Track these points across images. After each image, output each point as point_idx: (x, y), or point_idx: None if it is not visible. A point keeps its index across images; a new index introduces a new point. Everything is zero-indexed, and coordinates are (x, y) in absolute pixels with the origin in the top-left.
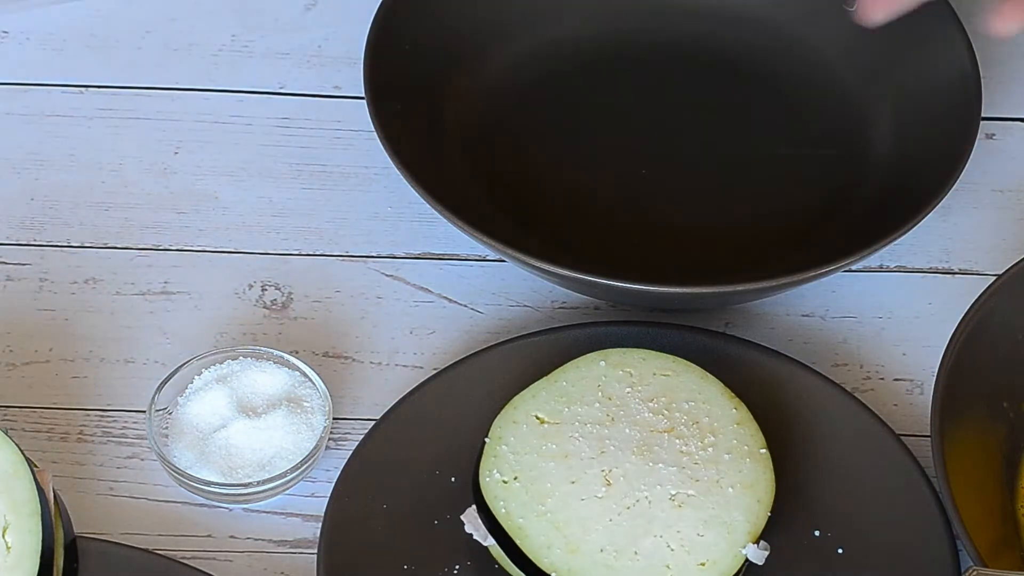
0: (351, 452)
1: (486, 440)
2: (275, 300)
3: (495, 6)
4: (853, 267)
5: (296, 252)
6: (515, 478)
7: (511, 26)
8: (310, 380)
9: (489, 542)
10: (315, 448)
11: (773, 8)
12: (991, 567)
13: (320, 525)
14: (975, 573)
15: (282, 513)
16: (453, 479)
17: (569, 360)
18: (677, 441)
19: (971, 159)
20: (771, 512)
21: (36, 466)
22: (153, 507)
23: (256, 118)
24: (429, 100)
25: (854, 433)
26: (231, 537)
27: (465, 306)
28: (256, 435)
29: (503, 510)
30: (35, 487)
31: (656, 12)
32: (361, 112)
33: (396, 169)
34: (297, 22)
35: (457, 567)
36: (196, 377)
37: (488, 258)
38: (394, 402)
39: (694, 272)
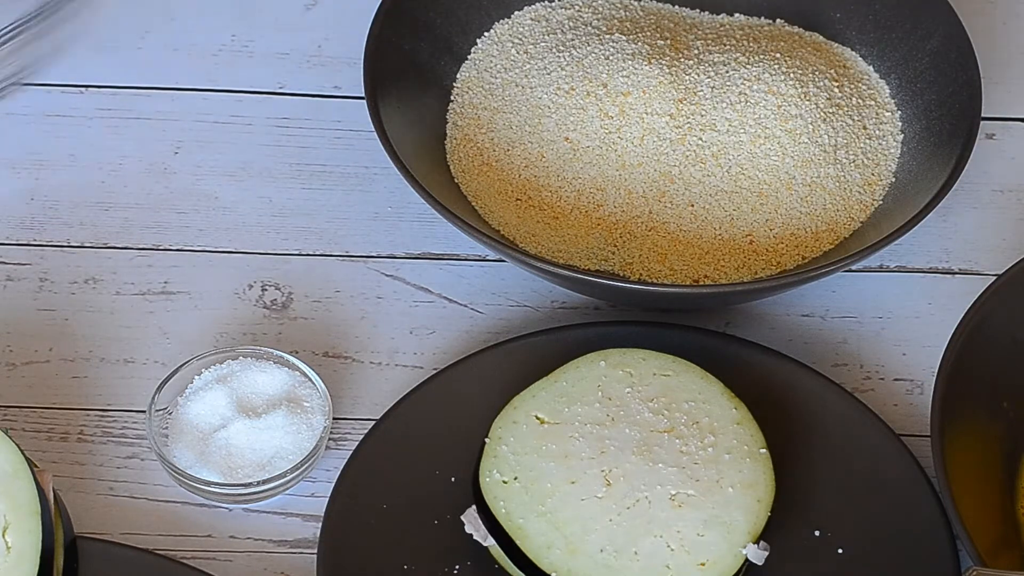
0: (351, 452)
1: (486, 440)
2: (275, 300)
3: (495, 6)
4: (853, 267)
5: (296, 252)
6: (515, 478)
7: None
8: (310, 380)
9: (489, 542)
10: (315, 448)
11: (772, 14)
12: (991, 567)
13: (320, 525)
14: (975, 573)
15: (282, 513)
16: (453, 479)
17: (569, 360)
18: (677, 441)
19: (971, 159)
20: (771, 512)
21: (36, 466)
22: (153, 507)
23: (256, 118)
24: (429, 100)
25: (854, 433)
26: (231, 537)
27: (465, 306)
28: (256, 435)
29: (503, 510)
30: (35, 487)
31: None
32: (361, 112)
33: (396, 169)
34: (297, 22)
35: (457, 567)
36: (196, 377)
37: (488, 258)
38: (394, 402)
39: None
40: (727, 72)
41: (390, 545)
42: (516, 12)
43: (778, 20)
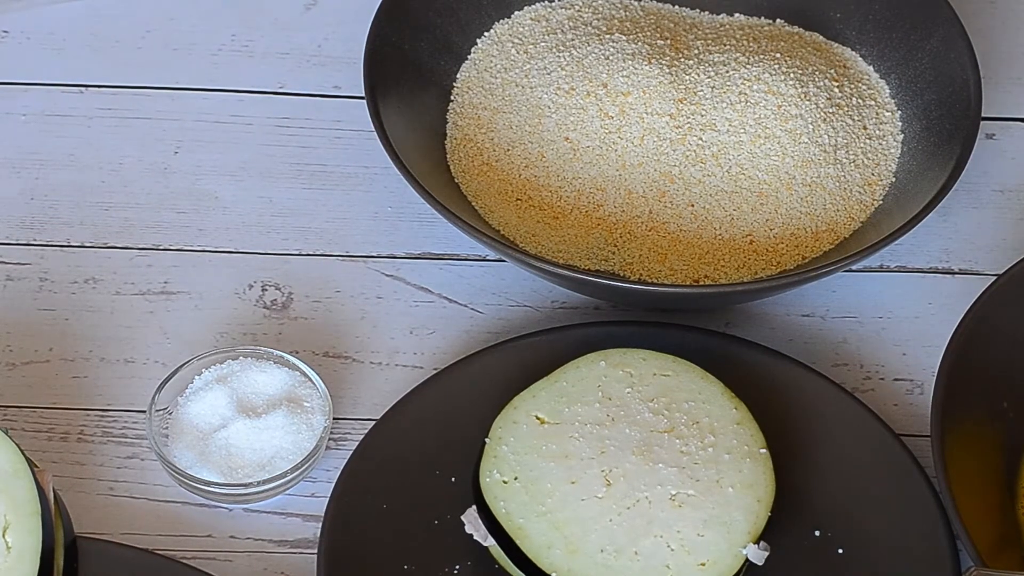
0: (351, 452)
1: (486, 440)
2: (275, 300)
3: (495, 6)
4: (853, 267)
5: (296, 252)
6: (515, 478)
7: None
8: (310, 380)
9: (489, 542)
10: (315, 448)
11: (772, 14)
12: (991, 567)
13: (320, 525)
14: (975, 573)
15: (282, 513)
16: (453, 479)
17: (569, 360)
18: (677, 441)
19: (971, 159)
20: (771, 512)
21: (36, 466)
22: (153, 507)
23: (256, 118)
24: (429, 99)
25: (854, 433)
26: (231, 537)
27: (465, 306)
28: (256, 435)
29: (503, 510)
30: (35, 487)
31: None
32: (361, 112)
33: (396, 169)
34: (297, 22)
35: (457, 567)
36: (196, 377)
37: (488, 258)
38: (394, 402)
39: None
40: (727, 72)
41: (390, 545)
42: (516, 12)
43: (778, 20)
